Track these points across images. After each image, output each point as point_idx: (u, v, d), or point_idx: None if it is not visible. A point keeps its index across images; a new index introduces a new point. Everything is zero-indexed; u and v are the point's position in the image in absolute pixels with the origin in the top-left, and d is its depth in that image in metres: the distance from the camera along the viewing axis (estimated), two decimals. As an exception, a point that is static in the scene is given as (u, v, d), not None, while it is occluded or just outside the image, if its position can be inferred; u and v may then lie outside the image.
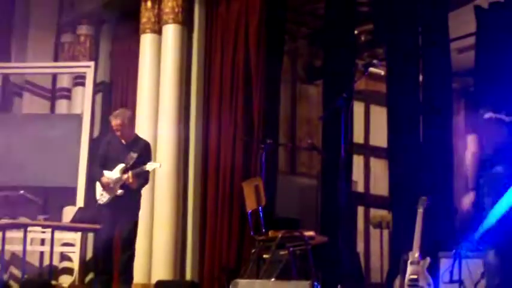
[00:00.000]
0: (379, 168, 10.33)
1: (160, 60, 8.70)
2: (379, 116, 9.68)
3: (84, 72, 9.80)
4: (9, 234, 8.04)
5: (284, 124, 9.61)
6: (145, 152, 6.79)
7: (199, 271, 8.19)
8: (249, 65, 8.21)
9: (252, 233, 6.62)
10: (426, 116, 7.43)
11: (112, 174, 6.65)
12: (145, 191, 7.07)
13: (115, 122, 6.74)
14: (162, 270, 7.99)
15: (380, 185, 10.07)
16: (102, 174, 6.69)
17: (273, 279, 6.17)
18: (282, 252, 6.78)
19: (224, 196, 8.07)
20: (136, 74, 8.96)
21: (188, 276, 8.18)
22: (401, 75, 7.71)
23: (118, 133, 6.76)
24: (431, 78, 7.46)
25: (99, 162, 6.87)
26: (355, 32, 9.17)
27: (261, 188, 6.42)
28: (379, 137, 9.62)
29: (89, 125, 9.54)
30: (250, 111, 8.13)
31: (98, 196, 6.76)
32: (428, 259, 5.78)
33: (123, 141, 6.81)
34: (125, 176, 6.57)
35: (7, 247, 8.23)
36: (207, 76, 8.60)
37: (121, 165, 6.65)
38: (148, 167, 6.54)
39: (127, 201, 6.68)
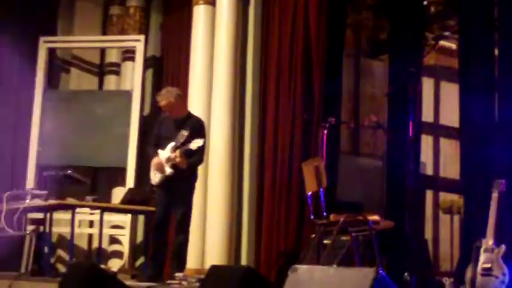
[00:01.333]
0: (450, 149, 10.23)
1: (214, 33, 8.72)
2: (450, 93, 9.59)
3: (134, 47, 9.89)
4: (57, 215, 8.21)
5: (347, 101, 9.59)
6: (196, 130, 6.87)
7: (255, 256, 8.25)
8: (309, 39, 8.20)
9: (312, 217, 6.65)
10: (502, 93, 7.34)
11: (164, 154, 6.79)
12: (198, 173, 7.17)
13: (162, 101, 6.92)
14: (216, 255, 8.07)
15: (451, 167, 9.97)
16: (156, 154, 6.84)
17: (334, 266, 6.19)
18: (344, 238, 6.81)
19: (282, 178, 8.11)
20: (188, 48, 9.02)
21: (244, 261, 8.26)
22: (475, 49, 7.61)
23: (166, 112, 6.93)
24: (507, 52, 7.35)
25: (153, 141, 7.06)
26: (424, 2, 9.07)
27: (322, 169, 6.43)
28: (450, 116, 9.53)
29: (139, 101, 9.66)
30: (310, 87, 8.13)
31: (151, 176, 6.91)
32: (503, 247, 5.71)
33: (175, 119, 6.94)
34: (173, 155, 6.70)
35: (54, 229, 8.41)
36: (264, 50, 8.62)
37: (171, 144, 6.77)
38: (192, 144, 6.63)
39: (181, 182, 6.81)
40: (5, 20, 9.96)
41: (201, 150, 6.80)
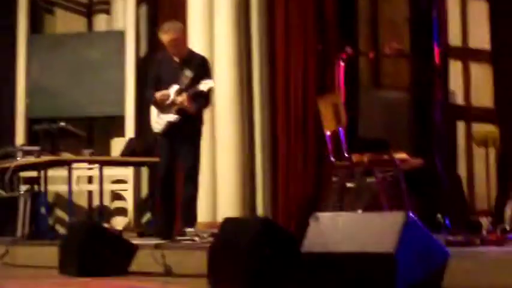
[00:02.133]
0: (482, 75, 10.15)
1: (213, -40, 8.66)
2: (480, 12, 9.47)
3: (125, -20, 9.85)
4: (52, 172, 8.26)
5: (364, 28, 9.50)
6: (202, 69, 6.81)
7: (272, 205, 8.30)
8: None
9: (332, 159, 6.66)
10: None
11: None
12: (204, 117, 7.15)
13: (168, 37, 6.75)
14: (229, 206, 8.12)
15: (483, 95, 9.91)
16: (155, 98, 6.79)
17: (360, 211, 6.20)
18: (369, 180, 6.82)
19: (297, 117, 8.10)
20: (185, -21, 8.97)
21: (260, 211, 8.32)
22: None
23: (172, 50, 6.79)
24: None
25: (151, 84, 6.95)
26: None
27: (341, 105, 6.41)
28: (480, 37, 9.44)
29: (133, 42, 9.64)
30: (322, 13, 8.07)
31: (152, 124, 6.88)
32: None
33: (176, 59, 6.86)
34: (179, 98, 6.65)
35: (50, 188, 8.47)
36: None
37: (175, 87, 6.72)
38: (202, 86, 6.55)
39: (186, 129, 6.76)
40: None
41: (210, 91, 6.75)
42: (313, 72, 8.08)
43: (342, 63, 6.87)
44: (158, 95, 6.75)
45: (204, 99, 6.79)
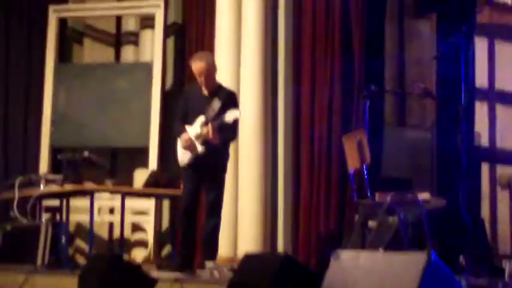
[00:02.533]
0: (508, 117, 10.13)
1: (241, -7, 8.74)
2: (507, 54, 9.47)
3: (153, 13, 9.89)
4: (74, 202, 8.28)
5: (390, 67, 9.51)
6: (229, 102, 6.78)
7: (293, 242, 8.28)
8: (346, -3, 8.17)
9: (355, 197, 6.64)
10: None
11: (192, 130, 6.74)
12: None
13: (198, 65, 6.76)
14: (249, 242, 8.10)
15: (509, 137, 9.89)
16: (183, 130, 6.79)
17: (381, 251, 6.18)
18: (391, 219, 6.79)
19: (321, 153, 8.10)
20: (213, 12, 9.00)
21: (280, 247, 8.29)
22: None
23: (201, 79, 6.77)
24: None
25: (179, 116, 6.95)
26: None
27: (365, 143, 6.42)
28: (507, 80, 9.42)
29: (160, 74, 9.66)
30: (349, 52, 8.10)
31: (178, 156, 6.88)
32: None
33: (204, 91, 6.85)
34: (205, 129, 6.64)
35: (72, 217, 8.48)
36: (297, 10, 8.59)
37: (201, 118, 6.72)
38: (227, 116, 6.52)
39: (212, 162, 6.77)
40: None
41: (236, 123, 6.74)
42: (338, 109, 8.09)
43: (368, 101, 6.87)
44: (184, 142, 6.74)
45: (231, 131, 6.76)
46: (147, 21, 10.17)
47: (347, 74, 8.03)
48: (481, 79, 9.58)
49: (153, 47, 9.89)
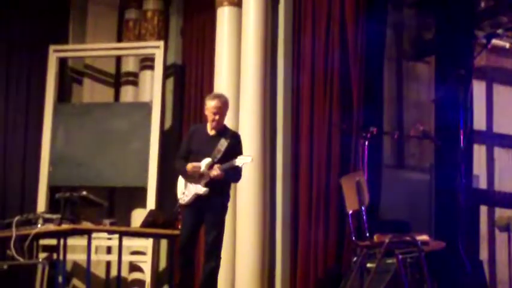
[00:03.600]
0: (506, 160, 10.18)
1: (240, 37, 8.77)
2: (505, 97, 9.54)
3: (153, 54, 9.95)
4: (71, 241, 8.26)
5: (389, 109, 9.56)
6: (236, 142, 6.82)
7: (291, 285, 8.25)
8: (345, 40, 8.21)
9: (353, 238, 6.64)
10: None
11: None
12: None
13: (216, 103, 6.76)
14: (247, 283, 8.09)
15: (507, 180, 9.92)
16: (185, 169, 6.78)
17: (380, 292, 6.18)
18: (389, 261, 6.79)
19: (319, 195, 8.10)
20: (212, 54, 9.07)
21: (278, 288, 8.28)
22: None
23: (215, 117, 6.75)
24: None
25: (182, 155, 6.95)
26: (474, -4, 9.07)
27: (364, 185, 6.42)
28: (505, 123, 9.48)
29: (159, 114, 9.69)
30: (348, 94, 8.13)
31: (179, 195, 6.88)
32: None
33: (211, 131, 6.86)
34: (213, 172, 6.60)
35: (69, 256, 8.43)
36: (296, 54, 8.64)
37: (207, 160, 6.70)
38: (238, 161, 6.54)
39: (214, 202, 6.75)
40: (11, 27, 10.09)
41: (240, 167, 6.72)
42: (337, 150, 8.11)
43: (366, 143, 6.89)
44: (190, 166, 6.75)
45: (236, 173, 6.77)
46: (146, 62, 10.25)
47: (346, 115, 8.05)
48: (479, 122, 9.65)
49: (152, 88, 9.94)
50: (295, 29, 8.71)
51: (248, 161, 6.61)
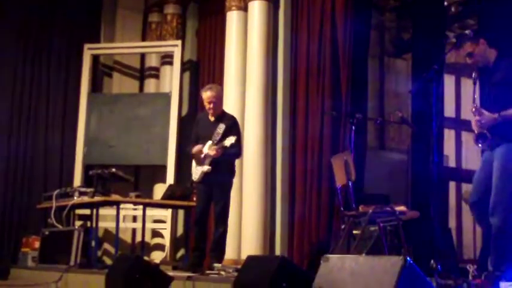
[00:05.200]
0: (471, 143, 10.15)
1: (246, 37, 8.75)
2: (471, 89, 9.47)
3: (172, 51, 9.95)
4: (103, 211, 8.27)
5: (372, 99, 9.52)
6: (231, 126, 6.84)
7: (288, 247, 8.25)
8: (336, 40, 8.15)
9: (341, 209, 6.62)
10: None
11: (203, 150, 6.80)
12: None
13: (209, 94, 6.80)
14: (252, 246, 8.08)
15: (472, 160, 9.88)
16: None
17: (364, 255, 6.15)
18: (372, 228, 6.77)
19: (313, 171, 8.08)
20: (223, 52, 9.06)
21: (278, 251, 8.26)
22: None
23: (210, 106, 6.82)
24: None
25: (193, 140, 7.00)
26: (445, 3, 8.98)
27: (351, 163, 6.39)
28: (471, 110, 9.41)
29: (177, 103, 9.69)
30: (337, 86, 8.09)
31: (193, 173, 6.92)
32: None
33: (211, 117, 6.91)
34: (212, 152, 6.67)
35: (101, 224, 8.47)
36: (294, 52, 8.60)
37: (209, 142, 6.77)
38: (226, 142, 6.60)
39: (220, 178, 6.81)
40: (52, 30, 10.11)
41: (236, 145, 6.72)
42: (328, 133, 8.07)
43: (353, 127, 6.86)
44: (194, 150, 6.82)
45: (233, 150, 6.75)
46: (166, 58, 10.23)
47: (336, 104, 8.02)
48: (449, 110, 9.60)
49: (171, 80, 9.92)
50: (293, 29, 8.67)
51: (233, 140, 6.59)
